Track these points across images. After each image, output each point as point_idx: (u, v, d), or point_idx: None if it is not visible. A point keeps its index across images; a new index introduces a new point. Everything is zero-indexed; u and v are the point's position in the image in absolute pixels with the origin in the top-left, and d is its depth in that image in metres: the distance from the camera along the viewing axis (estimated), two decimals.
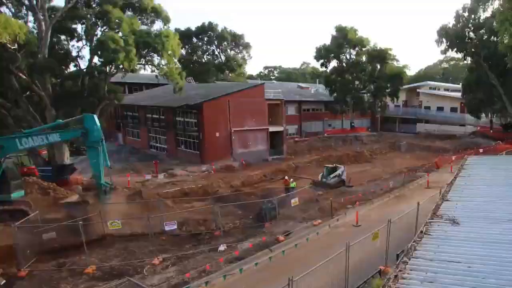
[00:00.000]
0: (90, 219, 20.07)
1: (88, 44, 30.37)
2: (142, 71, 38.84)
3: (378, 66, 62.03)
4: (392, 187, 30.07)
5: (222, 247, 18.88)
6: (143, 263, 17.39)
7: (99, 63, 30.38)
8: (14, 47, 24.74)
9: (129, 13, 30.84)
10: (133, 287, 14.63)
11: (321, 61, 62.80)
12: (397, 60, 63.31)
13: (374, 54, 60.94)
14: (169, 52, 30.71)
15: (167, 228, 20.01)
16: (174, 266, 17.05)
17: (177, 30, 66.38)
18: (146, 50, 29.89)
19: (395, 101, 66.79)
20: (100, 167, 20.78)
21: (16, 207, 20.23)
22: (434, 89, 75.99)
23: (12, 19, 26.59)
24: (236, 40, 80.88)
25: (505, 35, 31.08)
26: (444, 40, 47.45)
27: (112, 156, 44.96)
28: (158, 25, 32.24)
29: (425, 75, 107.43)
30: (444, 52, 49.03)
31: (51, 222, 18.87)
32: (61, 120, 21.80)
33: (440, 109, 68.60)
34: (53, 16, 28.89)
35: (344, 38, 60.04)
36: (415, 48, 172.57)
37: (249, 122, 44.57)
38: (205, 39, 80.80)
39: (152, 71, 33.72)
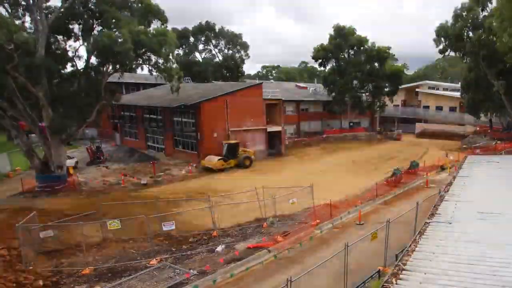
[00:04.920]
0: None
1: (85, 44, 30.21)
2: (139, 71, 38.79)
3: (377, 66, 61.93)
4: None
5: (219, 248, 18.75)
6: (141, 263, 17.28)
7: (96, 63, 30.23)
8: (10, 47, 24.58)
9: (126, 13, 30.61)
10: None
11: (320, 61, 62.72)
12: (396, 59, 63.28)
13: (373, 53, 60.84)
14: (166, 50, 30.53)
15: (165, 229, 19.83)
16: (172, 267, 16.92)
17: (174, 29, 66.38)
18: (143, 50, 29.70)
19: (393, 101, 66.74)
20: None
21: None
22: (433, 88, 76.04)
23: (8, 18, 26.46)
24: (234, 40, 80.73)
25: (504, 35, 30.99)
26: (442, 39, 47.52)
27: (109, 157, 45.40)
28: (155, 25, 32.04)
29: (424, 74, 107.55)
30: (442, 51, 49.07)
31: None
32: None
33: (439, 108, 68.65)
34: (50, 15, 28.75)
35: (342, 38, 59.96)
36: (414, 47, 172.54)
37: (247, 122, 44.47)
38: (203, 38, 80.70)
39: (149, 70, 33.57)
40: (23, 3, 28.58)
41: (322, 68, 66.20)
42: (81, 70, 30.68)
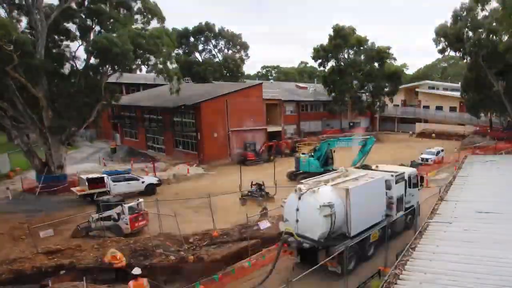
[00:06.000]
0: None
1: (83, 44, 30.19)
2: (138, 71, 38.76)
3: (377, 66, 61.92)
4: None
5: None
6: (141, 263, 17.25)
7: (95, 64, 30.20)
8: (10, 48, 24.54)
9: (124, 12, 30.60)
10: None
11: (319, 61, 62.70)
12: (396, 59, 63.26)
13: (372, 53, 60.82)
14: (165, 51, 30.53)
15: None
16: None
17: (174, 30, 66.35)
18: (141, 50, 29.67)
19: (393, 101, 66.74)
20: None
21: None
22: (433, 88, 75.98)
23: (6, 19, 26.43)
24: (234, 40, 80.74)
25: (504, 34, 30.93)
26: (442, 39, 47.45)
27: (109, 157, 45.43)
28: (153, 24, 32.06)
29: (424, 74, 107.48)
30: (441, 51, 49.03)
31: None
32: None
33: (439, 108, 68.62)
34: (49, 15, 28.72)
35: (341, 38, 59.91)
36: (414, 47, 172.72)
37: (247, 122, 44.50)
38: (203, 39, 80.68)
39: (149, 71, 33.57)
40: (22, 3, 28.54)
41: (322, 68, 66.19)
42: (81, 71, 30.65)
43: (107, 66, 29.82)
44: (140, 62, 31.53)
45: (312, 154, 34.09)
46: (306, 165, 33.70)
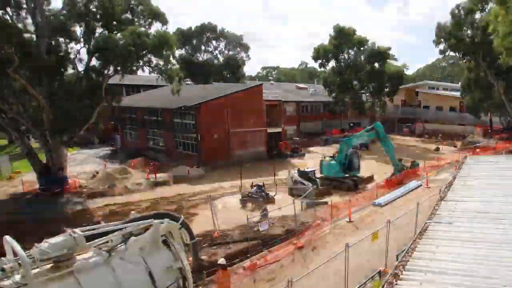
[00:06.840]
0: None
1: (86, 45, 30.24)
2: (140, 73, 38.81)
3: (377, 66, 61.92)
4: None
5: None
6: None
7: (97, 65, 30.28)
8: (11, 50, 24.59)
9: (127, 15, 30.72)
10: None
11: (319, 61, 62.74)
12: (396, 60, 63.31)
13: (373, 53, 60.84)
14: (167, 52, 30.62)
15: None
16: None
17: (176, 30, 66.45)
18: (144, 52, 29.76)
19: (393, 101, 66.78)
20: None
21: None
22: (433, 88, 76.06)
23: (9, 20, 26.52)
24: (235, 41, 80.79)
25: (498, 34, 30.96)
26: (442, 40, 47.51)
27: (110, 158, 45.49)
28: (156, 27, 32.17)
29: (424, 74, 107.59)
30: (442, 52, 49.10)
31: None
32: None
33: (439, 108, 68.64)
34: (51, 18, 28.80)
35: (342, 38, 59.96)
36: (414, 47, 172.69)
37: (248, 123, 44.47)
38: (204, 39, 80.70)
39: (150, 72, 33.65)
40: (24, 6, 28.61)
41: (322, 69, 66.24)
42: (82, 72, 30.72)
43: (109, 67, 29.90)
44: (142, 63, 31.62)
45: (335, 157, 31.74)
46: (326, 169, 31.38)
